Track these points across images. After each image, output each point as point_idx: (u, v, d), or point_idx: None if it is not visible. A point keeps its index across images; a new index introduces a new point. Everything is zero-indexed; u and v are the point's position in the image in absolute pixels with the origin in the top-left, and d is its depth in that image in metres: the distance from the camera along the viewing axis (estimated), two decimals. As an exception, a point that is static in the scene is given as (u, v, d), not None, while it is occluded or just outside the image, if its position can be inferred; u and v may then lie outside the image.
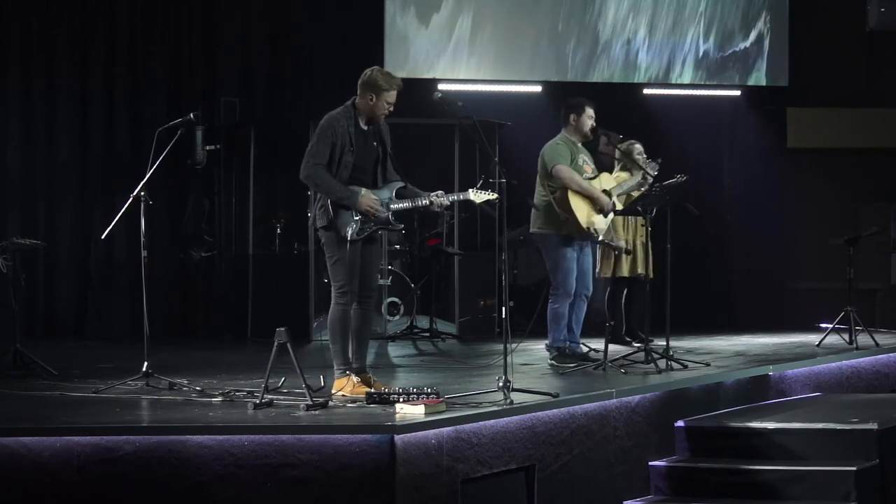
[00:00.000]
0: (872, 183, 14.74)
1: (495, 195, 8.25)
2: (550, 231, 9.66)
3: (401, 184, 8.09)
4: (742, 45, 14.30)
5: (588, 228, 9.58)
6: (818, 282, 13.79)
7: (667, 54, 14.08)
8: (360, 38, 13.15)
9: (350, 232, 7.83)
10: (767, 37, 14.36)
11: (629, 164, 10.62)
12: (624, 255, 10.91)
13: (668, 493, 8.24)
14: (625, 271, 11.07)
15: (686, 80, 14.19)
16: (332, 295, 7.96)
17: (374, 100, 7.92)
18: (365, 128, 7.97)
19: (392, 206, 7.99)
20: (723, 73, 14.29)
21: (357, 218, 7.86)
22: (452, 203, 8.46)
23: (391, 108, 8.00)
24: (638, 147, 10.97)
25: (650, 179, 9.99)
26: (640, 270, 10.96)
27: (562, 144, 9.72)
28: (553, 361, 9.65)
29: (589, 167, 9.81)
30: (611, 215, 9.82)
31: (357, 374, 7.89)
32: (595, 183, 9.73)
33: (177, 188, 13.16)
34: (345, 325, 7.92)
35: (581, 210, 9.56)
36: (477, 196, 8.21)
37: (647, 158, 10.40)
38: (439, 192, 8.09)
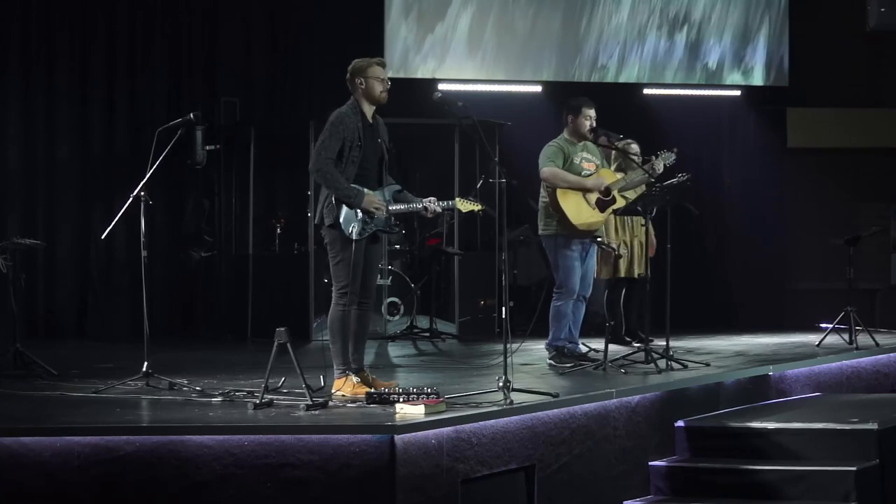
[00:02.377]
0: (872, 183, 14.75)
1: (480, 206, 8.30)
2: (553, 231, 9.67)
3: (397, 186, 8.12)
4: (742, 46, 14.30)
5: (584, 228, 9.58)
6: (818, 282, 13.80)
7: (667, 54, 14.08)
8: (360, 38, 13.14)
9: (353, 231, 7.84)
10: (767, 37, 14.37)
11: (625, 164, 10.63)
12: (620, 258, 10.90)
13: (668, 493, 8.24)
14: (622, 271, 11.07)
15: (686, 80, 14.19)
16: (333, 295, 7.97)
17: (364, 83, 7.94)
18: (371, 122, 7.99)
19: (391, 207, 8.01)
20: (723, 73, 14.29)
21: (360, 217, 7.86)
22: (443, 209, 8.47)
23: (386, 85, 7.97)
24: (634, 147, 10.97)
25: (658, 171, 9.96)
26: (639, 271, 10.96)
27: (554, 146, 9.71)
28: (551, 361, 9.65)
29: (592, 164, 9.80)
30: (608, 212, 9.81)
31: (356, 374, 7.90)
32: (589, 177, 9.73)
33: (177, 188, 13.17)
34: (344, 325, 7.92)
35: (572, 209, 9.55)
36: (463, 205, 8.26)
37: (662, 149, 10.30)
38: (432, 198, 8.11)
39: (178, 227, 13.35)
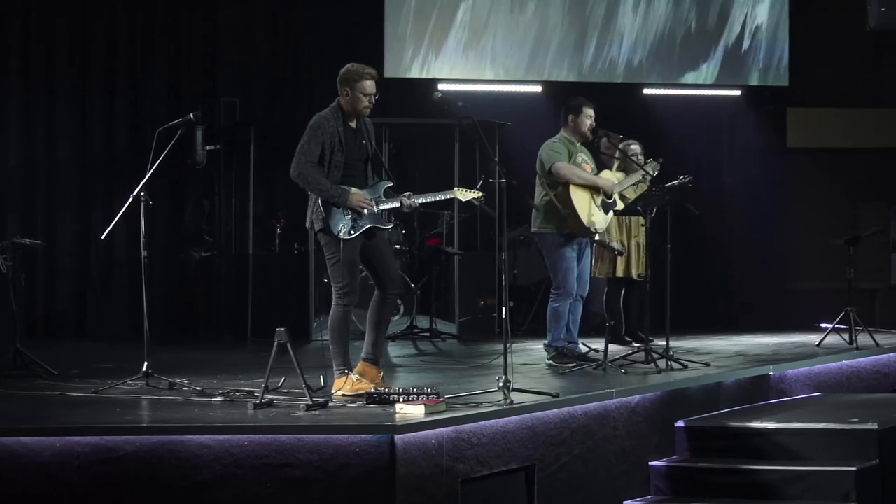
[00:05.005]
0: (872, 183, 14.75)
1: (480, 193, 8.29)
2: (550, 230, 9.66)
3: (389, 183, 8.11)
4: (742, 46, 14.30)
5: (590, 226, 9.59)
6: (818, 282, 13.79)
7: (667, 54, 14.08)
8: (359, 38, 13.15)
9: (343, 230, 7.84)
10: (768, 37, 14.36)
11: (625, 165, 10.63)
12: (617, 257, 10.90)
13: (668, 493, 8.24)
14: (619, 271, 11.05)
15: (686, 80, 14.19)
16: (333, 296, 7.96)
17: (349, 93, 7.93)
18: (353, 125, 7.98)
19: (381, 205, 8.00)
20: (723, 73, 14.29)
21: (348, 216, 7.86)
22: (438, 201, 8.45)
23: (371, 101, 7.96)
24: (634, 148, 10.98)
25: (649, 178, 10.00)
26: (637, 271, 10.95)
27: (558, 142, 9.73)
28: (551, 361, 9.65)
29: (588, 166, 9.82)
30: (611, 213, 9.82)
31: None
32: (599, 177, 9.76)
33: (177, 188, 13.17)
34: (345, 326, 7.92)
35: (583, 206, 9.56)
36: (462, 195, 8.25)
37: (649, 159, 10.40)
38: (408, 192, 8.10)
39: (178, 227, 13.34)
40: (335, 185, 7.85)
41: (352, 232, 7.88)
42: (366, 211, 7.89)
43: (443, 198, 8.35)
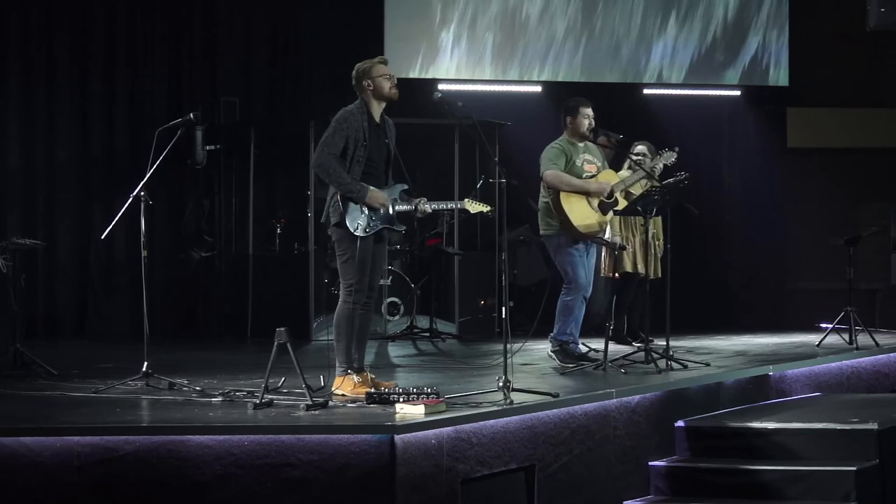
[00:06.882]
0: (872, 183, 14.75)
1: (489, 207, 8.31)
2: (554, 231, 9.66)
3: (404, 186, 8.12)
4: (743, 45, 14.30)
5: (585, 231, 9.57)
6: (818, 282, 13.80)
7: (667, 54, 14.08)
8: (360, 38, 13.15)
9: (358, 227, 7.85)
10: (767, 37, 14.36)
11: (633, 166, 10.63)
12: (624, 252, 10.89)
13: (668, 493, 8.24)
14: (628, 267, 11.02)
15: (686, 80, 14.19)
16: (341, 293, 7.97)
17: (371, 84, 7.95)
18: (378, 122, 7.99)
19: (397, 206, 8.02)
20: (723, 73, 14.30)
21: (365, 214, 7.87)
22: (450, 209, 8.46)
23: (394, 80, 7.99)
24: (640, 148, 10.97)
25: (658, 170, 9.96)
26: (641, 270, 10.94)
27: (556, 148, 9.69)
28: (552, 354, 9.63)
29: (594, 166, 9.77)
30: (609, 214, 9.81)
31: (356, 374, 7.90)
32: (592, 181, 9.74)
33: (177, 188, 13.17)
34: (351, 323, 7.91)
35: (575, 212, 9.53)
36: (472, 206, 8.27)
37: (664, 148, 10.30)
38: (423, 198, 8.11)
39: (178, 227, 13.34)
40: (355, 181, 7.85)
41: (367, 230, 7.89)
42: (381, 210, 7.90)
43: (454, 207, 8.36)
